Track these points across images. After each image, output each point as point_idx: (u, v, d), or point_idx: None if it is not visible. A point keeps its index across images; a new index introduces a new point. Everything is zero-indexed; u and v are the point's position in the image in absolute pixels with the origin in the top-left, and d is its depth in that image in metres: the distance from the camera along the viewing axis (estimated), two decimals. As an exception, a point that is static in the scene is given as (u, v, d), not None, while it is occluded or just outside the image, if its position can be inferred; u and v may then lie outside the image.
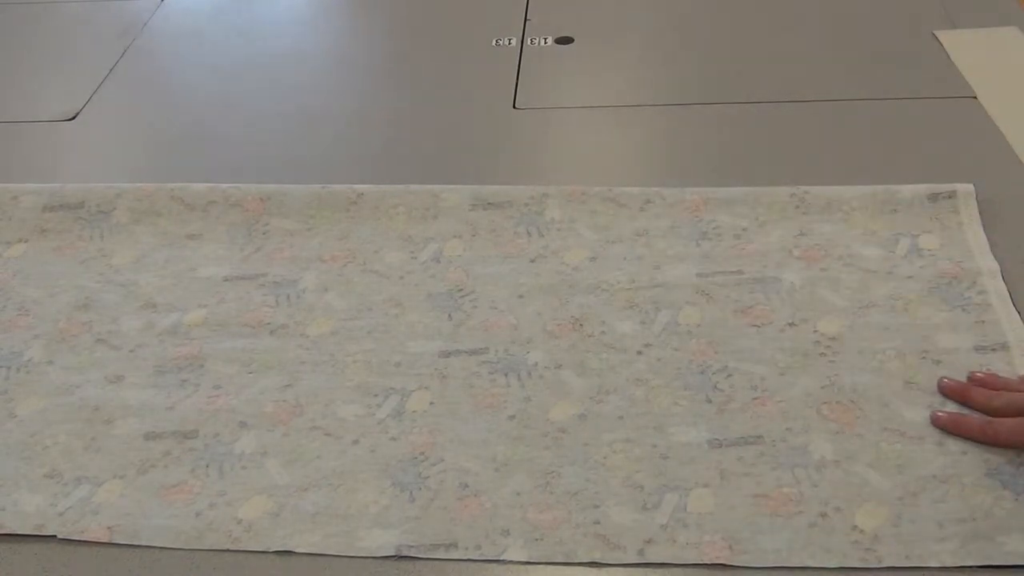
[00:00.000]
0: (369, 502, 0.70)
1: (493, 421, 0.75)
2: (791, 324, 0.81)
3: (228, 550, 0.68)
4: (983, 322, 0.80)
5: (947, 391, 0.75)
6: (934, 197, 0.91)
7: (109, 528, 0.69)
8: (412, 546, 0.67)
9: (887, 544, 0.65)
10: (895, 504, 0.67)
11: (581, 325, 0.83)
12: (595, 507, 0.69)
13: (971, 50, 1.14)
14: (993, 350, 0.78)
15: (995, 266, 0.85)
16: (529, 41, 1.24)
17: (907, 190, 0.91)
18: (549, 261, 0.89)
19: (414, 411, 0.77)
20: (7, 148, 1.11)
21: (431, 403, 0.77)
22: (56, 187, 0.98)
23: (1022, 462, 0.69)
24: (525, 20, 1.29)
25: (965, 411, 0.73)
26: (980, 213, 0.89)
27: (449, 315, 0.85)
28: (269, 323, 0.85)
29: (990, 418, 0.72)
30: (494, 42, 1.24)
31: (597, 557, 0.66)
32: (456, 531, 0.68)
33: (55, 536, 0.69)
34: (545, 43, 1.24)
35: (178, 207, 0.96)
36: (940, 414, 0.73)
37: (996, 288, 0.83)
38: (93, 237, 0.95)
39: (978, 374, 0.76)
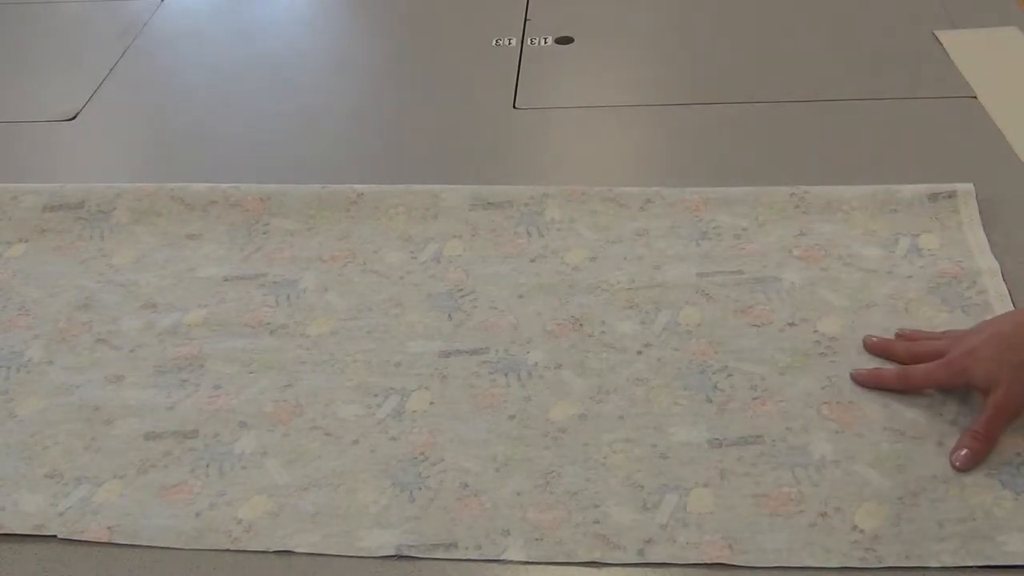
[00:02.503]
0: (369, 502, 0.70)
1: (493, 421, 0.75)
2: (791, 324, 0.81)
3: (228, 550, 0.68)
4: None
5: (872, 349, 0.78)
6: (934, 197, 0.91)
7: (109, 528, 0.69)
8: (412, 546, 0.67)
9: (887, 544, 0.65)
10: (895, 504, 0.67)
11: (581, 325, 0.83)
12: (595, 507, 0.69)
13: (971, 50, 1.14)
14: (993, 350, 0.78)
15: (995, 266, 0.85)
16: (529, 41, 1.24)
17: (907, 190, 0.91)
18: (549, 261, 0.89)
19: (414, 411, 0.77)
20: (7, 148, 1.11)
21: (431, 403, 0.77)
22: (56, 187, 0.98)
23: (1022, 462, 0.69)
24: (525, 20, 1.29)
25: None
26: (980, 213, 0.89)
27: (449, 315, 0.85)
28: (269, 323, 0.85)
29: (905, 366, 0.75)
30: (494, 42, 1.24)
31: (597, 557, 0.66)
32: (456, 531, 0.68)
33: (55, 536, 0.69)
34: (545, 43, 1.24)
35: (178, 207, 0.96)
36: (859, 372, 0.76)
37: (996, 288, 0.83)
38: (93, 237, 0.95)
39: (905, 331, 0.79)
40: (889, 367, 0.76)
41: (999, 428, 0.70)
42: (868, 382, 0.76)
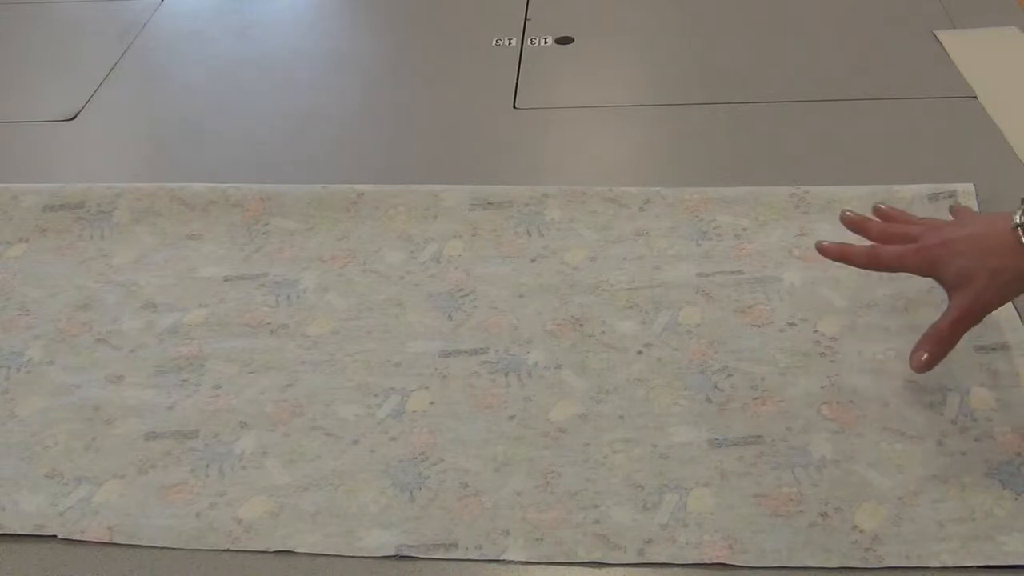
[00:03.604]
0: (369, 502, 0.70)
1: (493, 421, 0.75)
2: (791, 324, 0.81)
3: (228, 550, 0.68)
4: (983, 322, 0.80)
5: (848, 223, 0.77)
6: (934, 197, 0.91)
7: (109, 528, 0.69)
8: (412, 546, 0.67)
9: (887, 544, 0.65)
10: (895, 504, 0.67)
11: (581, 325, 0.83)
12: (595, 507, 0.69)
13: (971, 50, 1.14)
14: (993, 350, 0.78)
15: (995, 266, 0.84)
16: (529, 41, 1.24)
17: (907, 190, 0.91)
18: (549, 261, 0.89)
19: (414, 411, 0.77)
20: (7, 148, 1.11)
21: (431, 403, 0.77)
22: (56, 187, 0.98)
23: (1023, 462, 0.69)
24: (525, 20, 1.29)
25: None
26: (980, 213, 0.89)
27: (449, 315, 0.85)
28: (269, 323, 0.85)
29: (875, 243, 0.74)
30: (494, 42, 1.24)
31: (597, 557, 0.66)
32: (456, 531, 0.68)
33: (55, 536, 0.69)
34: (545, 43, 1.24)
35: (178, 207, 0.96)
36: (826, 244, 0.74)
37: (996, 288, 0.83)
38: (93, 237, 0.95)
39: (882, 207, 0.77)
40: (859, 244, 0.75)
41: (962, 332, 0.70)
42: (834, 255, 0.74)
